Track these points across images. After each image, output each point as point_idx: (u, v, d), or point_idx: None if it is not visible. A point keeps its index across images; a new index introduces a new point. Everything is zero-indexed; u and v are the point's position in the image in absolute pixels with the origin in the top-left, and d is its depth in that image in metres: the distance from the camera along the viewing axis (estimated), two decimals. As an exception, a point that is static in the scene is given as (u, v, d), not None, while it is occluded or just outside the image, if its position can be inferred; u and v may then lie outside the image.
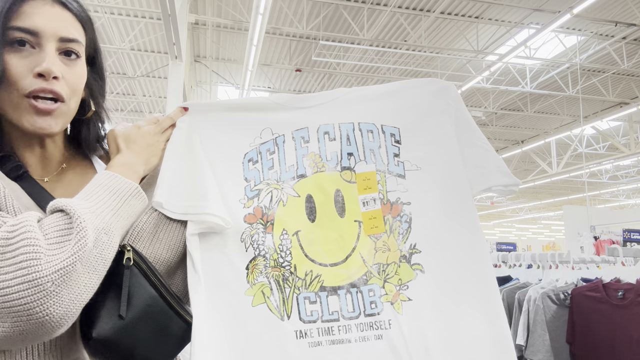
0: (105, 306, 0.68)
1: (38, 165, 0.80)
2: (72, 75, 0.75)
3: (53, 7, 0.73)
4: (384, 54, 9.26)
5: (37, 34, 0.71)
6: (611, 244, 7.76)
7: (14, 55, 0.70)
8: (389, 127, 0.90)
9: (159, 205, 0.79)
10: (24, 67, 0.70)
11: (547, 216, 27.35)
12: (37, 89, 0.70)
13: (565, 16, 6.63)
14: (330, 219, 0.83)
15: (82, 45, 0.77)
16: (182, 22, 6.47)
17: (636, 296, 2.12)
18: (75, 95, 0.77)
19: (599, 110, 12.02)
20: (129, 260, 0.71)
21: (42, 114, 0.72)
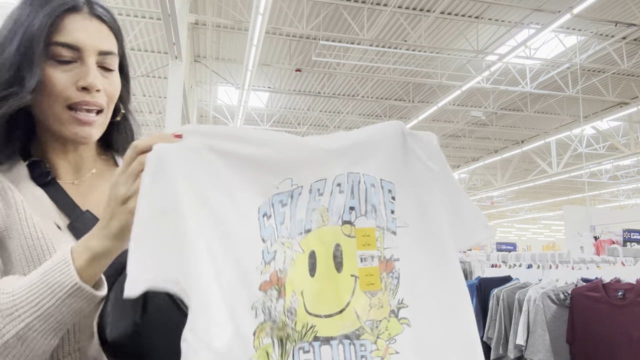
0: (121, 311, 0.68)
1: (70, 169, 0.82)
2: (110, 86, 0.78)
3: (91, 21, 0.76)
4: (384, 54, 9.26)
5: (78, 48, 0.74)
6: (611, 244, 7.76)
7: (56, 68, 0.73)
8: (387, 182, 0.89)
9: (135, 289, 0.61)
10: (67, 80, 0.73)
11: (547, 216, 27.36)
12: (80, 101, 0.74)
13: (565, 16, 6.63)
14: (328, 273, 0.80)
15: (116, 56, 0.80)
16: (182, 22, 6.46)
17: (636, 296, 2.12)
18: (112, 103, 0.80)
19: (599, 110, 12.02)
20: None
21: (84, 124, 0.75)
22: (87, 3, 0.76)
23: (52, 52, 0.72)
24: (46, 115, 0.75)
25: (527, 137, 14.53)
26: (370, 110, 12.58)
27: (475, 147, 15.92)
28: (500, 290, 2.73)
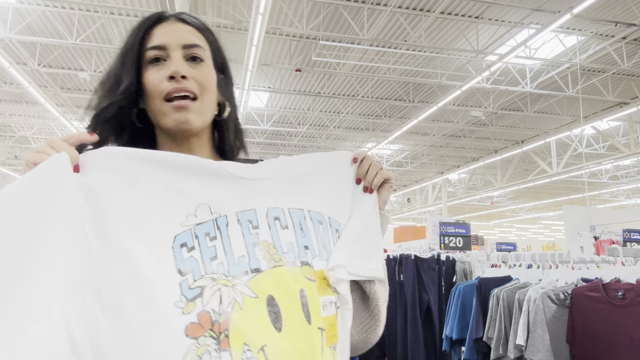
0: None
1: None
2: (198, 74, 0.82)
3: (175, 24, 0.85)
4: (384, 54, 9.26)
5: (164, 47, 0.81)
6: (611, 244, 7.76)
7: (150, 70, 0.81)
8: (335, 221, 0.82)
9: None
10: (160, 76, 0.80)
11: (547, 216, 27.36)
12: (171, 90, 0.79)
13: (565, 16, 6.63)
14: (298, 326, 0.68)
15: (204, 49, 0.85)
16: (182, 22, 6.46)
17: (636, 296, 2.12)
18: (206, 93, 0.83)
19: (599, 110, 12.02)
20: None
21: (180, 110, 0.80)
22: (174, 14, 0.87)
23: (146, 57, 0.82)
24: (154, 113, 0.83)
25: (527, 137, 14.54)
26: (370, 110, 12.59)
27: (475, 147, 15.92)
28: (500, 290, 2.73)
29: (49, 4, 7.57)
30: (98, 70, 9.67)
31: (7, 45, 8.75)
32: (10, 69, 8.06)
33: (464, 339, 3.08)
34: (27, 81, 8.77)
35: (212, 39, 0.89)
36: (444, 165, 18.25)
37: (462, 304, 3.15)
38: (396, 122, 12.91)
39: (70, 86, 10.90)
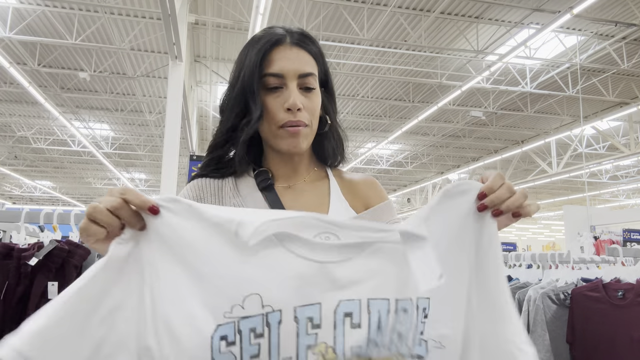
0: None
1: (287, 176, 0.99)
2: (310, 104, 0.90)
3: (292, 49, 0.90)
4: (384, 54, 9.26)
5: (282, 75, 0.88)
6: (611, 244, 7.76)
7: (270, 96, 0.89)
8: (423, 300, 0.67)
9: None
10: (278, 104, 0.88)
11: (547, 216, 27.35)
12: (287, 122, 0.88)
13: (565, 16, 6.63)
14: None
15: (316, 77, 0.92)
16: (182, 22, 6.46)
17: (636, 296, 2.12)
18: (314, 119, 0.92)
19: (599, 110, 12.02)
20: None
21: (293, 135, 0.89)
22: (289, 34, 0.91)
23: (265, 82, 0.89)
24: (267, 135, 0.92)
25: (527, 137, 14.53)
26: (371, 110, 12.59)
27: (475, 147, 15.92)
28: (500, 290, 2.72)
29: (49, 4, 7.57)
30: (98, 70, 9.67)
31: (7, 45, 8.75)
32: (10, 69, 8.05)
33: (464, 339, 3.07)
34: (27, 81, 8.77)
35: (320, 60, 0.95)
36: (444, 165, 18.25)
37: (462, 304, 3.14)
38: (396, 122, 12.91)
39: (70, 86, 10.89)
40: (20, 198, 25.19)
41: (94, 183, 21.86)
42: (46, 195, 24.71)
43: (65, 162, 18.21)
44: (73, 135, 13.76)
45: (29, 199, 25.42)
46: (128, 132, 14.56)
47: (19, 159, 17.51)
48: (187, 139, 10.06)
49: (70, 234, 2.02)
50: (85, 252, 1.89)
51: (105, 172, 19.69)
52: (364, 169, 17.39)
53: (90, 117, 13.29)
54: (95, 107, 12.40)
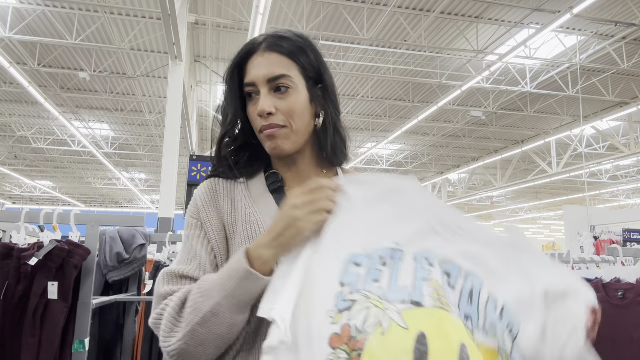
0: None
1: (294, 179, 0.99)
2: (286, 105, 0.91)
3: (263, 56, 0.92)
4: (384, 54, 9.26)
5: (254, 84, 0.92)
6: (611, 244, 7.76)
7: (250, 105, 0.94)
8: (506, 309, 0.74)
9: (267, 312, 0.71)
10: (254, 111, 0.92)
11: (547, 216, 27.36)
12: (261, 127, 0.92)
13: (565, 16, 6.63)
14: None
15: (289, 76, 0.91)
16: (182, 22, 6.47)
17: (636, 296, 2.12)
18: (294, 118, 0.92)
19: (599, 110, 12.02)
20: None
21: (270, 138, 0.92)
22: (265, 40, 0.93)
23: (245, 91, 0.94)
24: (259, 141, 0.96)
25: (527, 137, 14.54)
26: (371, 110, 12.59)
27: (475, 147, 15.92)
28: (500, 290, 2.73)
29: (49, 4, 7.57)
30: (98, 70, 9.68)
31: (7, 45, 8.75)
32: (10, 69, 8.06)
33: (464, 339, 3.07)
34: (27, 81, 8.77)
35: (300, 57, 0.94)
36: (444, 166, 18.26)
37: (462, 304, 3.14)
38: (396, 122, 12.91)
39: (70, 86, 10.90)
40: (20, 198, 25.19)
41: (93, 183, 21.86)
42: (46, 195, 24.71)
43: (65, 162, 18.21)
44: (73, 135, 13.77)
45: (29, 199, 25.43)
46: (128, 132, 14.56)
47: (19, 159, 17.52)
48: (187, 139, 10.06)
49: (70, 234, 2.02)
50: (85, 252, 1.89)
51: (105, 172, 19.69)
52: (364, 169, 17.38)
53: (90, 117, 13.29)
54: (95, 107, 12.40)
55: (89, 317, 1.90)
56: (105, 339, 2.71)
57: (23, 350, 1.73)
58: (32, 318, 1.76)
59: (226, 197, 0.95)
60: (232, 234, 0.90)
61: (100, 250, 2.74)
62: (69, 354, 1.83)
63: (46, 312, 1.79)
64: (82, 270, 1.91)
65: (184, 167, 11.95)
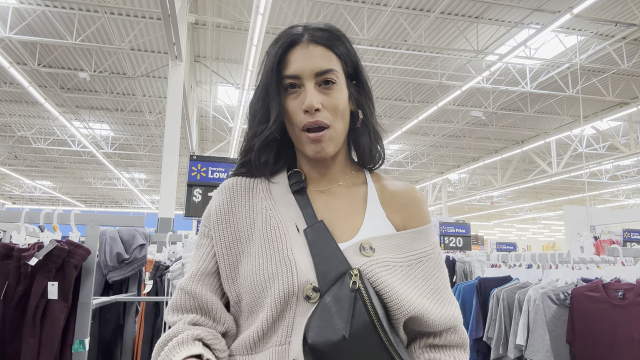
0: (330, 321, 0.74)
1: (319, 179, 0.94)
2: (331, 101, 0.86)
3: (308, 48, 0.87)
4: (384, 54, 9.26)
5: (299, 77, 0.86)
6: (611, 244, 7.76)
7: (289, 98, 0.87)
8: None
9: None
10: (296, 106, 0.86)
11: (547, 216, 27.36)
12: (306, 123, 0.85)
13: (565, 16, 6.63)
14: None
15: (336, 71, 0.87)
16: (182, 22, 6.47)
17: (636, 296, 2.12)
18: (338, 117, 0.87)
19: (599, 110, 12.02)
20: (355, 284, 0.77)
21: (314, 142, 0.86)
22: (306, 31, 0.88)
23: (284, 84, 0.87)
24: (293, 138, 0.90)
25: (527, 137, 14.54)
26: (370, 110, 12.58)
27: (475, 147, 15.92)
28: (500, 290, 2.73)
29: (49, 4, 7.57)
30: (98, 70, 9.67)
31: (7, 45, 8.75)
32: (10, 69, 8.06)
33: (464, 339, 3.07)
34: (27, 81, 8.77)
35: (342, 51, 0.90)
36: (444, 165, 18.25)
37: (462, 304, 3.14)
38: (396, 122, 12.91)
39: (70, 86, 10.90)
40: (20, 198, 25.19)
41: (93, 183, 21.86)
42: (46, 195, 24.71)
43: (65, 162, 18.21)
44: (73, 135, 13.77)
45: (29, 199, 25.42)
46: (128, 132, 14.56)
47: (19, 159, 17.52)
48: (187, 139, 10.06)
49: (70, 234, 2.02)
50: (85, 252, 1.89)
51: (105, 172, 19.69)
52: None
53: (90, 117, 13.29)
54: (95, 107, 12.40)
55: (89, 317, 1.90)
56: (105, 339, 2.71)
57: (23, 350, 1.73)
58: (32, 318, 1.76)
59: (245, 198, 0.91)
60: (250, 236, 0.86)
61: (100, 250, 2.74)
62: (69, 354, 1.83)
63: (46, 312, 1.79)
64: (82, 270, 1.91)
65: (184, 167, 11.94)
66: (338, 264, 0.79)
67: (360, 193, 0.94)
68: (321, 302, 0.76)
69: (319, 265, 0.79)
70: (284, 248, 0.80)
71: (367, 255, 0.81)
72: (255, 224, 0.86)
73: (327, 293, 0.76)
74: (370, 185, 0.96)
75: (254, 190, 0.91)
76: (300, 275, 0.77)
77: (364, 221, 0.89)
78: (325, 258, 0.80)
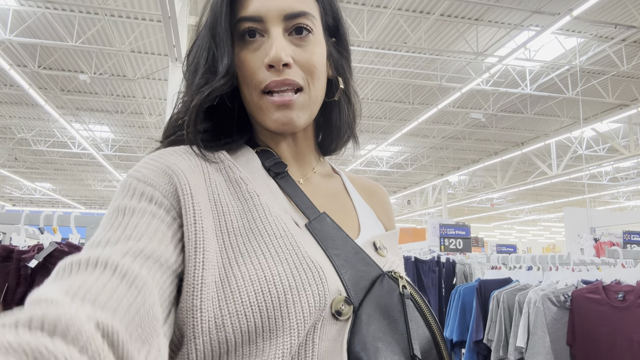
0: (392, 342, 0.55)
1: (293, 165, 0.71)
2: (305, 55, 0.63)
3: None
4: (384, 56, 9.27)
5: (261, 19, 0.62)
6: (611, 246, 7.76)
7: (246, 49, 0.63)
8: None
9: None
10: (256, 60, 0.62)
11: (547, 218, 27.35)
12: (270, 83, 0.61)
13: (565, 18, 6.64)
14: None
15: (312, 16, 0.64)
16: (182, 24, 6.47)
17: (636, 298, 2.12)
18: (314, 79, 0.64)
19: (599, 112, 12.03)
20: (405, 288, 0.59)
21: (281, 108, 0.62)
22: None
23: (239, 30, 0.63)
24: (250, 106, 0.65)
25: (527, 139, 14.54)
26: (371, 112, 12.59)
27: (475, 149, 15.92)
28: (501, 292, 2.73)
29: (49, 6, 7.58)
30: (98, 72, 9.68)
31: (7, 47, 8.76)
32: (10, 71, 8.06)
33: (464, 341, 3.08)
34: (27, 83, 8.78)
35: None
36: (444, 167, 18.26)
37: (462, 306, 3.14)
38: (396, 124, 12.92)
39: (70, 88, 10.90)
40: (20, 200, 25.19)
41: (93, 185, 21.86)
42: (46, 197, 24.71)
43: (65, 164, 18.21)
44: (73, 137, 13.77)
45: (29, 201, 25.42)
46: (128, 134, 14.56)
47: (19, 160, 17.52)
48: (187, 141, 10.06)
49: (70, 236, 2.02)
50: (85, 254, 1.89)
51: (105, 174, 19.69)
52: (363, 171, 17.39)
53: (91, 119, 13.29)
54: (95, 109, 12.41)
55: (89, 319, 1.89)
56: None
57: (23, 352, 1.73)
58: (32, 320, 1.76)
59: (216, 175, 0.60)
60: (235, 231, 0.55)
61: (100, 252, 2.73)
62: (68, 356, 1.83)
63: (46, 314, 1.79)
64: (82, 272, 1.90)
65: (184, 169, 11.91)
66: (365, 266, 0.60)
67: (338, 184, 0.75)
68: (362, 318, 0.54)
69: (343, 269, 0.57)
70: (298, 247, 0.54)
71: (384, 255, 0.65)
72: (243, 214, 0.57)
73: (364, 304, 0.56)
74: (343, 177, 0.78)
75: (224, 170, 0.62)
76: (330, 284, 0.53)
77: (359, 216, 0.71)
78: (347, 259, 0.59)
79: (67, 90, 10.94)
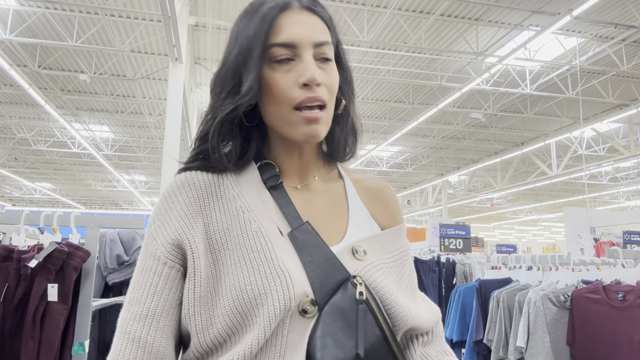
0: (339, 340, 0.65)
1: (296, 173, 0.82)
2: (329, 78, 0.74)
3: (302, 14, 0.74)
4: (384, 56, 9.27)
5: (294, 45, 0.72)
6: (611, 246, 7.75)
7: (277, 71, 0.72)
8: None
9: None
10: (290, 80, 0.71)
11: (547, 218, 27.35)
12: (304, 99, 0.71)
13: (565, 18, 6.64)
14: None
15: (331, 46, 0.76)
16: (182, 24, 6.47)
17: (636, 298, 2.12)
18: (333, 98, 0.76)
19: (599, 112, 12.03)
20: (362, 294, 0.68)
21: (311, 122, 0.72)
22: (303, 1, 0.76)
23: (271, 54, 0.72)
24: (276, 120, 0.75)
25: (527, 139, 14.54)
26: (371, 112, 12.59)
27: (475, 149, 15.92)
28: (501, 292, 2.73)
29: (49, 6, 7.58)
30: (98, 72, 9.68)
31: (7, 47, 8.76)
32: (10, 71, 8.06)
33: (464, 341, 3.08)
34: (27, 83, 8.78)
35: (333, 27, 0.79)
36: (444, 167, 18.26)
37: (462, 306, 3.14)
38: (396, 123, 12.92)
39: (70, 88, 10.90)
40: (20, 200, 25.19)
41: (93, 185, 21.86)
42: (46, 197, 24.71)
43: (65, 164, 18.21)
44: (73, 137, 13.77)
45: (29, 200, 25.42)
46: (128, 134, 14.56)
47: (19, 160, 17.52)
48: (187, 141, 10.06)
49: (70, 236, 2.02)
50: (85, 254, 1.89)
51: (105, 174, 19.69)
52: (363, 171, 17.39)
53: (91, 119, 13.29)
54: (95, 109, 12.41)
55: (89, 319, 1.89)
56: (105, 341, 2.71)
57: (23, 352, 1.73)
58: (32, 320, 1.76)
59: (212, 197, 0.74)
60: (224, 244, 0.70)
61: (100, 252, 2.74)
62: (68, 355, 1.83)
63: (46, 314, 1.79)
64: (82, 272, 1.91)
65: (184, 169, 11.89)
66: (335, 271, 0.69)
67: (339, 188, 0.85)
68: (322, 317, 0.66)
69: (313, 274, 0.68)
70: (272, 257, 0.67)
71: (361, 259, 0.73)
72: (230, 230, 0.71)
73: (326, 306, 0.66)
74: (347, 181, 0.87)
75: (221, 187, 0.75)
76: (297, 288, 0.65)
77: (349, 220, 0.80)
78: (319, 265, 0.69)
79: (67, 90, 10.94)
